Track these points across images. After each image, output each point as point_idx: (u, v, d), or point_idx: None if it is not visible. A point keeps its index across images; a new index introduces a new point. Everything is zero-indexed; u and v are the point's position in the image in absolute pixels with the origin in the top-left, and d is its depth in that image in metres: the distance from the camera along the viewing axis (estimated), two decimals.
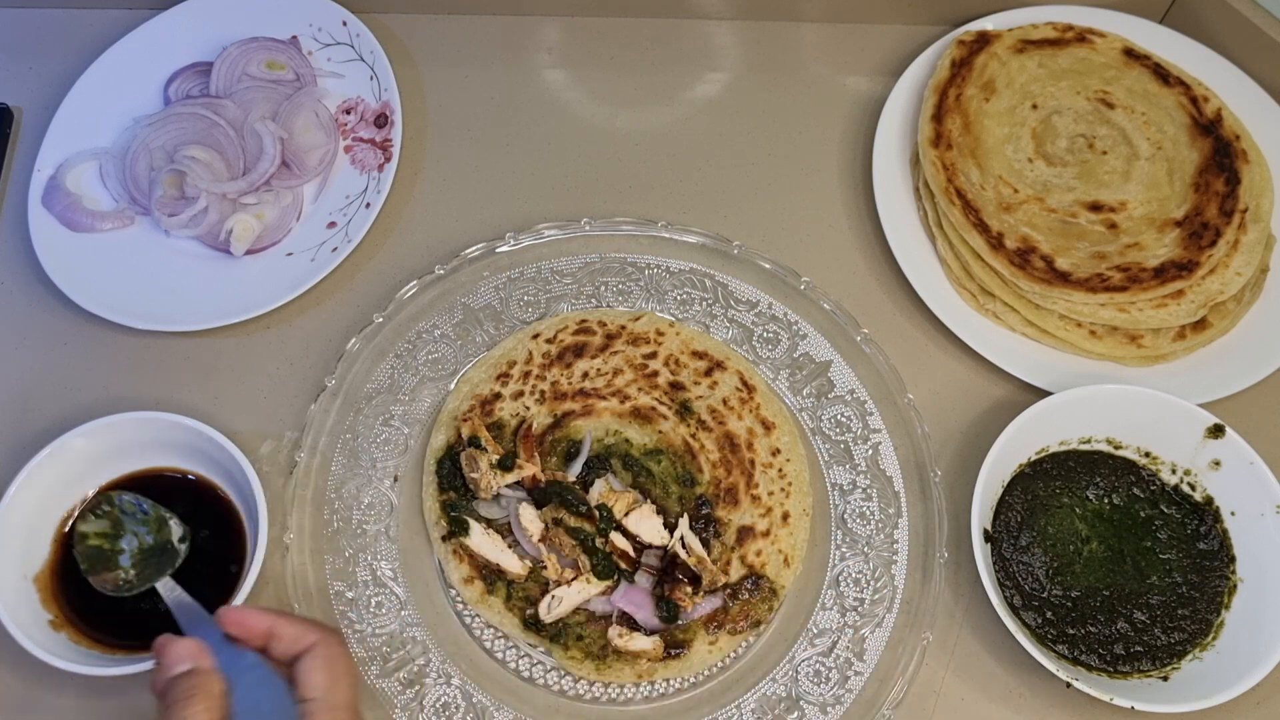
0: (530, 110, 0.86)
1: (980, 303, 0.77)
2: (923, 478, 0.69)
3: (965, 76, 0.82)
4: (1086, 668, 0.65)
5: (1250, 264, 0.76)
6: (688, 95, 0.87)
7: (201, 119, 0.80)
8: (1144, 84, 0.83)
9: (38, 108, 0.84)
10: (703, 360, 0.72)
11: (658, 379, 0.71)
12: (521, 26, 0.89)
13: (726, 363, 0.72)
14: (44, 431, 0.68)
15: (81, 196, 0.78)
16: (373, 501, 0.69)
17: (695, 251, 0.76)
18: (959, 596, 0.69)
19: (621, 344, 0.72)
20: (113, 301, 0.74)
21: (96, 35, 0.85)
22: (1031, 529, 0.69)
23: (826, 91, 0.88)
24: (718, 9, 0.90)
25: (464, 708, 0.63)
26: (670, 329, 0.73)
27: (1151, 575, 0.68)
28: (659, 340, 0.72)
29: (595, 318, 0.73)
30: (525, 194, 0.82)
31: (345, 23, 0.84)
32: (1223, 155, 0.79)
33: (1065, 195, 0.79)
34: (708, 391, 0.71)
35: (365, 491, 0.69)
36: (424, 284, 0.74)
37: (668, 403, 0.70)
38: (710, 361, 0.72)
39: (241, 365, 0.75)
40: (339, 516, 0.68)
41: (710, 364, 0.72)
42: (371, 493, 0.69)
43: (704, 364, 0.72)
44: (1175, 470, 0.71)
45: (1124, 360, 0.75)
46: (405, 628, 0.65)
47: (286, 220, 0.79)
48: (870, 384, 0.72)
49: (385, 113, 0.81)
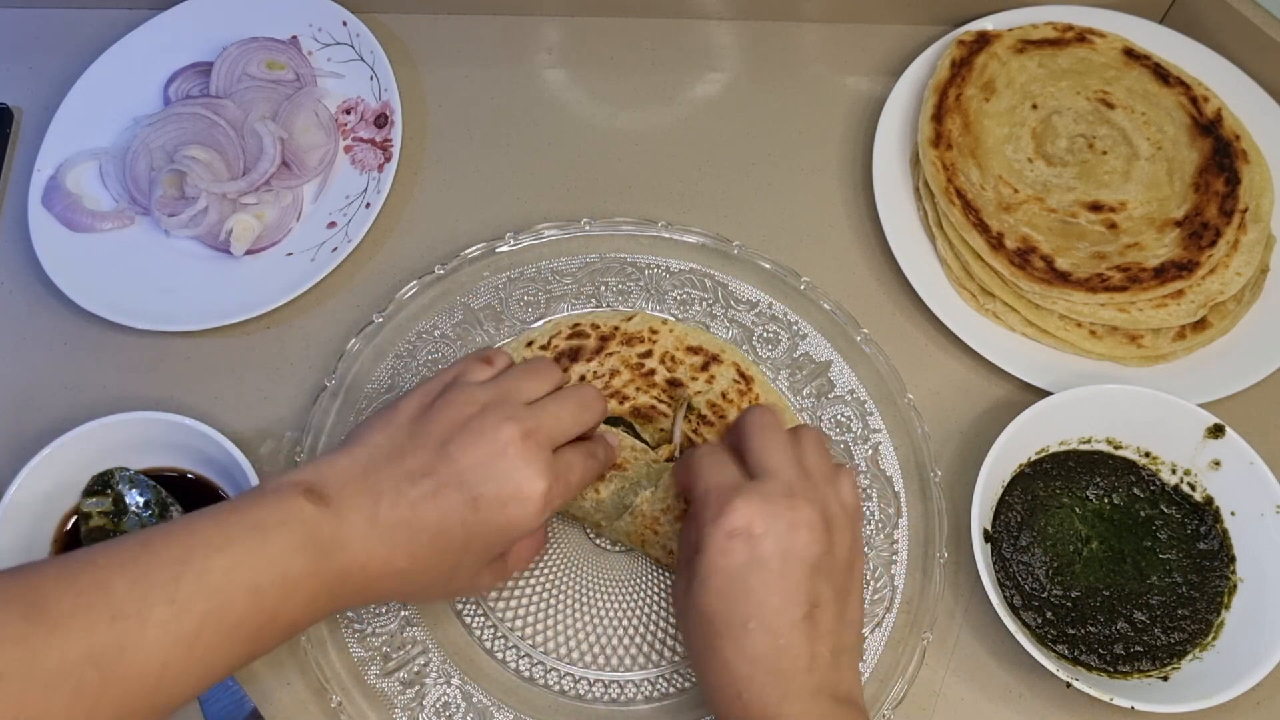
0: (530, 110, 0.86)
1: (980, 303, 0.77)
2: (923, 478, 0.70)
3: (965, 76, 0.83)
4: (1086, 668, 0.65)
5: (1250, 264, 0.76)
6: (688, 95, 0.87)
7: (201, 119, 0.80)
8: (1144, 84, 0.83)
9: (38, 108, 0.84)
10: (698, 355, 0.72)
11: (655, 377, 0.71)
12: (521, 26, 0.89)
13: (722, 355, 0.72)
14: (44, 431, 0.68)
15: (81, 196, 0.78)
16: None
17: (695, 251, 0.76)
18: (959, 596, 0.69)
19: (616, 345, 0.72)
20: (113, 301, 0.74)
21: (96, 35, 0.85)
22: (1031, 529, 0.69)
23: (826, 91, 0.88)
24: (718, 9, 0.90)
25: (464, 708, 0.64)
26: (664, 326, 0.73)
27: (1151, 575, 0.68)
28: (653, 338, 0.72)
29: (588, 321, 0.73)
30: (525, 194, 0.82)
31: (345, 23, 0.84)
32: (1223, 155, 0.79)
33: (1065, 195, 0.79)
34: (706, 386, 0.71)
35: None
36: (424, 284, 0.74)
37: (667, 400, 0.70)
38: (706, 355, 0.72)
39: (241, 365, 0.75)
40: None
41: (706, 358, 0.72)
42: None
43: (700, 358, 0.72)
44: (1175, 470, 0.71)
45: (1124, 360, 0.75)
46: (405, 628, 0.65)
47: (286, 220, 0.79)
48: (870, 384, 0.73)
49: (385, 113, 0.81)
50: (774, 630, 0.52)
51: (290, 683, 0.66)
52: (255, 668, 0.65)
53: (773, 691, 0.51)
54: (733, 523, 0.53)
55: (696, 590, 0.54)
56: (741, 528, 0.53)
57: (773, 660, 0.52)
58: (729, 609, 0.52)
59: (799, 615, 0.53)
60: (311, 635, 0.64)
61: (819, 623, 0.53)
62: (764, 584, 0.52)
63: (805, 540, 0.54)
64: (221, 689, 0.60)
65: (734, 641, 0.52)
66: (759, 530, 0.53)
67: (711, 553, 0.53)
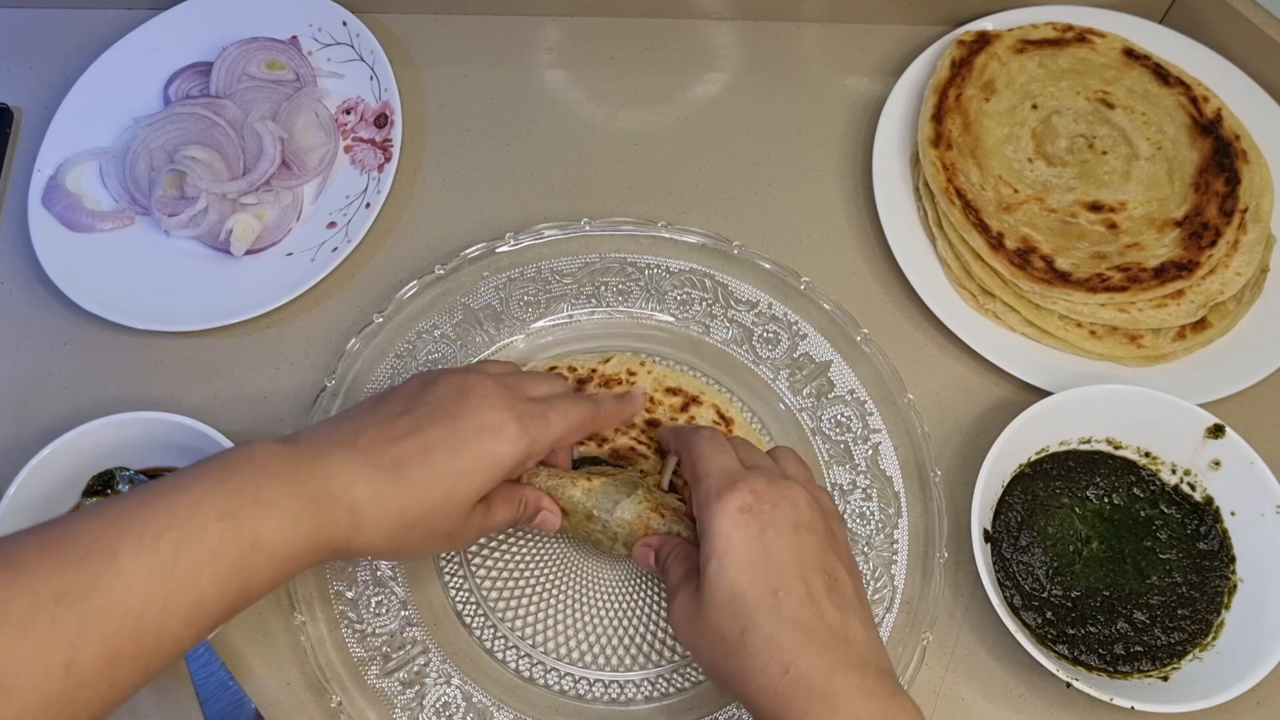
0: (530, 110, 0.86)
1: (980, 303, 0.77)
2: (923, 478, 0.69)
3: (965, 76, 0.83)
4: (1086, 668, 0.65)
5: (1250, 264, 0.76)
6: (688, 95, 0.87)
7: (201, 119, 0.80)
8: (1144, 84, 0.83)
9: (38, 108, 0.84)
10: (678, 396, 0.72)
11: (634, 418, 0.70)
12: (521, 26, 0.89)
13: (702, 397, 0.72)
14: (44, 431, 0.68)
15: (81, 196, 0.78)
16: None
17: (695, 251, 0.76)
18: (959, 596, 0.69)
19: (594, 387, 0.71)
20: (113, 301, 0.74)
21: (96, 35, 0.85)
22: (1031, 529, 0.69)
23: (826, 91, 0.88)
24: (718, 9, 0.90)
25: (464, 708, 0.64)
26: (641, 368, 0.72)
27: (1151, 575, 0.68)
28: (631, 380, 0.72)
29: (564, 364, 0.72)
30: (525, 194, 0.82)
31: (345, 23, 0.84)
32: (1223, 155, 0.79)
33: (1065, 195, 0.79)
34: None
35: None
36: (424, 284, 0.74)
37: (646, 441, 0.70)
38: (686, 397, 0.72)
39: (241, 365, 0.75)
40: None
41: (686, 399, 0.72)
42: None
43: (679, 399, 0.72)
44: (1175, 470, 0.71)
45: (1124, 360, 0.75)
46: (405, 628, 0.65)
47: (286, 220, 0.79)
48: (870, 384, 0.72)
49: (385, 113, 0.81)
50: (806, 597, 0.51)
51: (290, 683, 0.66)
52: (255, 668, 0.66)
53: (821, 663, 0.50)
54: (742, 498, 0.53)
55: (714, 575, 0.52)
56: (751, 503, 0.53)
57: (814, 628, 0.51)
58: (756, 580, 0.51)
59: (822, 585, 0.52)
60: (311, 635, 0.64)
61: (843, 593, 0.53)
62: (785, 551, 0.52)
63: (810, 516, 0.54)
64: (222, 689, 0.60)
65: (771, 612, 0.51)
66: (767, 505, 0.53)
67: (724, 530, 0.53)
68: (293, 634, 0.66)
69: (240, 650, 0.66)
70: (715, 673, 0.53)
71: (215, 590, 0.47)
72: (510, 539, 0.68)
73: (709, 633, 0.52)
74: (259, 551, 0.48)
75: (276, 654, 0.66)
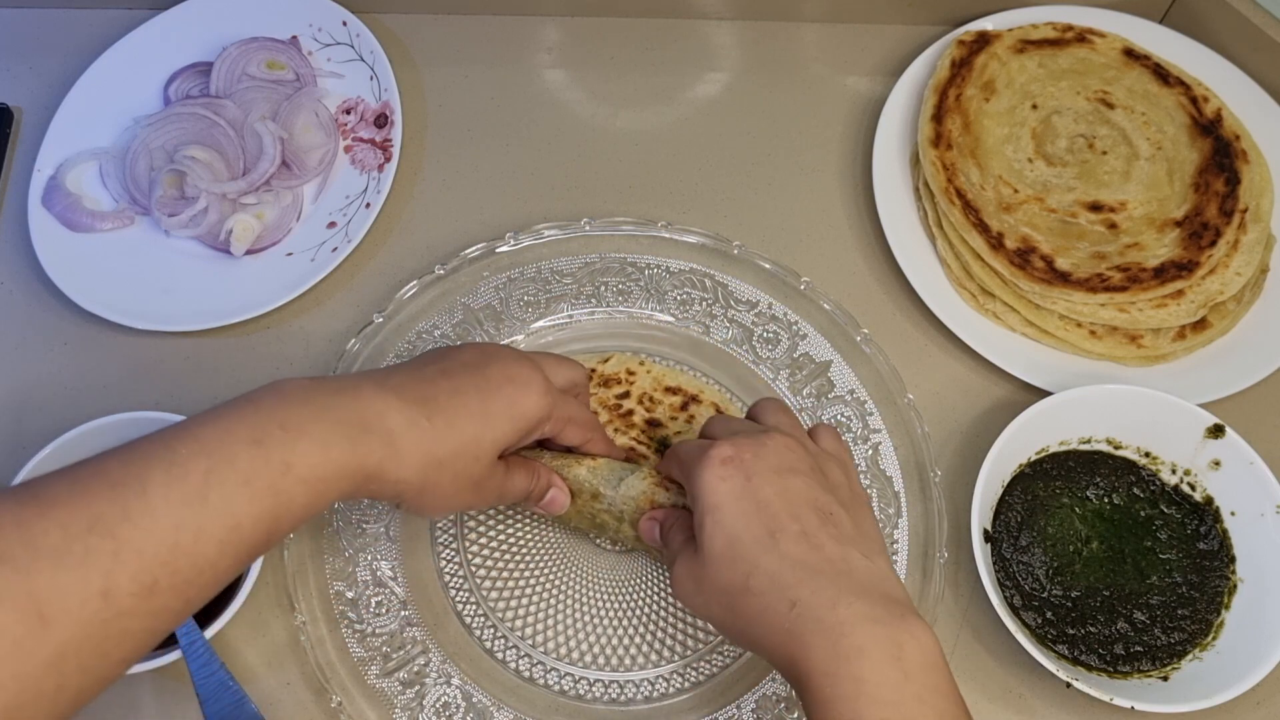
0: (530, 110, 0.86)
1: (980, 303, 0.77)
2: (923, 478, 0.69)
3: (965, 76, 0.83)
4: (1086, 668, 0.65)
5: (1250, 264, 0.76)
6: (688, 95, 0.87)
7: (201, 119, 0.80)
8: (1144, 84, 0.83)
9: (38, 108, 0.84)
10: (677, 395, 0.72)
11: (633, 418, 0.71)
12: (521, 26, 0.89)
13: (701, 395, 0.72)
14: (44, 431, 0.68)
15: (81, 196, 0.78)
16: (372, 501, 0.69)
17: (695, 251, 0.76)
18: (959, 596, 0.69)
19: (593, 387, 0.71)
20: (113, 301, 0.74)
21: (96, 35, 0.85)
22: (1031, 529, 0.69)
23: (826, 91, 0.88)
24: (718, 9, 0.90)
25: (464, 708, 0.64)
26: (640, 367, 0.72)
27: (1151, 575, 0.68)
28: (630, 379, 0.72)
29: None
30: (525, 194, 0.82)
31: (345, 23, 0.84)
32: (1223, 155, 0.79)
33: (1065, 195, 0.79)
34: (685, 426, 0.71)
35: None
36: (424, 284, 0.74)
37: (646, 441, 0.70)
38: (685, 396, 0.72)
39: (241, 365, 0.75)
40: (339, 516, 0.68)
41: (685, 398, 0.72)
42: None
43: (679, 399, 0.72)
44: (1175, 470, 0.71)
45: (1124, 360, 0.75)
46: (405, 627, 0.65)
47: (286, 220, 0.79)
48: (870, 384, 0.73)
49: (385, 113, 0.81)
50: (801, 534, 0.52)
51: (290, 683, 0.66)
52: (255, 667, 0.66)
53: (824, 593, 0.50)
54: (722, 452, 0.54)
55: (711, 529, 0.53)
56: (731, 454, 0.54)
57: (814, 562, 0.51)
58: (751, 525, 0.52)
59: (816, 521, 0.52)
60: (311, 635, 0.64)
61: (840, 526, 0.53)
62: (772, 494, 0.53)
63: (792, 458, 0.55)
64: (222, 689, 0.60)
65: (772, 552, 0.51)
66: (748, 454, 0.54)
67: (711, 485, 0.53)
68: (293, 634, 0.66)
69: (240, 650, 0.66)
70: (726, 627, 0.54)
71: (249, 517, 0.46)
72: (510, 538, 0.69)
73: (714, 588, 0.53)
74: (290, 477, 0.48)
75: (276, 654, 0.66)
